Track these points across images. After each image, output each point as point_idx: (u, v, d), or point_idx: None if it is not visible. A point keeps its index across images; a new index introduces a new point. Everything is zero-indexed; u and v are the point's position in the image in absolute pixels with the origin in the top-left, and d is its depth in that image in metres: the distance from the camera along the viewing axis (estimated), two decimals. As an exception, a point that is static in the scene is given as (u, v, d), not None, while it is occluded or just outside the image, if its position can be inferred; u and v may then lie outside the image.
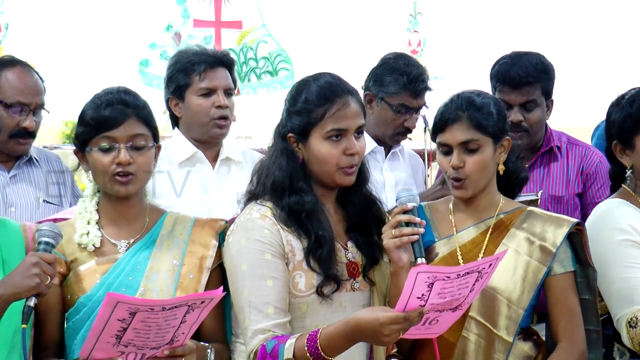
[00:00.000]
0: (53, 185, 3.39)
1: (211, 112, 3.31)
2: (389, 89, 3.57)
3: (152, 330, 2.23)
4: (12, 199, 3.28)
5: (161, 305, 2.20)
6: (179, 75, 3.32)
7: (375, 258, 2.64)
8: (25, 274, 2.34)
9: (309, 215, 2.54)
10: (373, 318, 2.29)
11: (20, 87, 3.28)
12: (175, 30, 7.71)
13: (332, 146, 2.55)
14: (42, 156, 3.46)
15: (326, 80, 2.60)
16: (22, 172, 3.35)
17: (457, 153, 2.67)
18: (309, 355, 2.36)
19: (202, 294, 2.37)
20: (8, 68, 3.31)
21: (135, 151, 2.59)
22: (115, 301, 2.13)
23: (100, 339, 2.21)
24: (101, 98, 2.62)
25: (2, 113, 3.24)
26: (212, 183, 3.35)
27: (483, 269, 2.31)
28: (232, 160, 3.42)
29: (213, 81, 3.32)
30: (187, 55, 3.35)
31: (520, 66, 3.42)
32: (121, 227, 2.67)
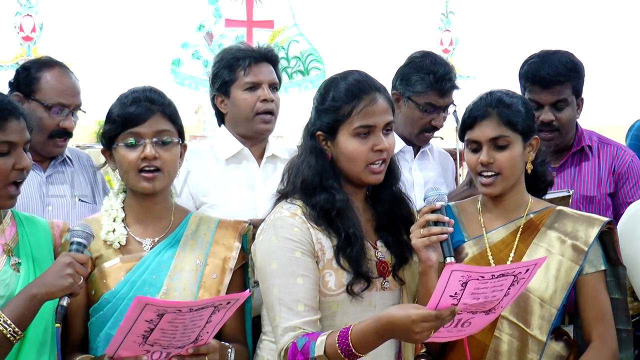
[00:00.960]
0: (86, 185, 3.42)
1: (256, 106, 3.31)
2: (415, 88, 3.56)
3: (178, 330, 2.25)
4: (49, 199, 3.30)
5: (189, 307, 2.21)
6: (223, 71, 3.33)
7: (405, 257, 2.64)
8: (58, 274, 2.36)
9: (339, 213, 2.54)
10: (404, 315, 2.29)
11: (60, 88, 3.31)
12: (207, 30, 7.73)
13: (360, 143, 2.55)
14: (74, 155, 3.49)
15: (354, 78, 2.60)
16: (57, 171, 3.38)
17: (486, 149, 2.67)
18: (340, 352, 2.36)
19: (228, 296, 2.39)
20: (47, 69, 3.34)
21: (161, 147, 2.61)
22: (144, 303, 2.14)
23: (127, 338, 2.23)
24: (127, 96, 2.65)
25: (43, 114, 3.27)
26: (258, 180, 3.35)
27: (519, 273, 2.29)
28: (278, 157, 3.42)
29: (258, 75, 3.32)
30: (232, 52, 3.37)
31: (550, 65, 3.40)
32: (146, 226, 2.69)
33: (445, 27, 8.70)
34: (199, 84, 7.40)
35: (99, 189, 3.44)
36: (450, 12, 8.70)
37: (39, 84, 3.30)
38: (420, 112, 3.57)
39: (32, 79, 3.31)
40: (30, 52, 7.49)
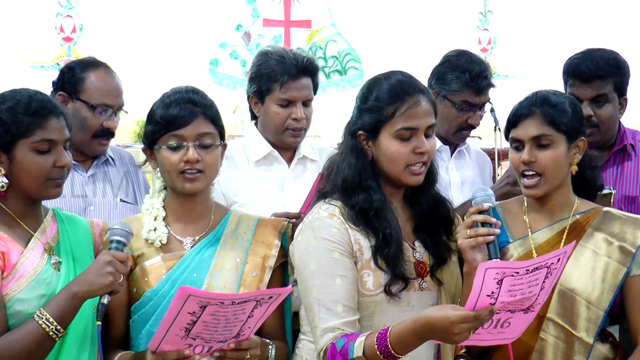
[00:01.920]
0: (128, 184, 3.44)
1: (287, 123, 3.33)
2: (451, 87, 3.55)
3: (220, 323, 2.26)
4: (91, 198, 3.33)
5: (231, 300, 2.22)
6: (262, 78, 3.34)
7: (444, 258, 2.62)
8: (99, 272, 2.38)
9: (377, 213, 2.53)
10: (443, 316, 2.27)
11: (105, 89, 3.34)
12: (244, 29, 7.75)
13: (402, 145, 2.54)
14: (116, 154, 3.52)
15: (397, 79, 2.59)
16: (99, 171, 3.41)
17: (528, 148, 2.66)
18: (379, 353, 2.35)
19: (270, 290, 2.39)
20: (92, 69, 3.37)
21: (203, 149, 2.63)
22: (187, 294, 2.16)
23: (170, 331, 2.24)
24: (170, 97, 2.66)
25: (87, 114, 3.30)
26: (287, 181, 3.37)
27: (552, 263, 2.27)
28: (308, 158, 3.43)
29: (293, 93, 3.31)
30: (272, 62, 3.34)
31: (592, 60, 3.37)
32: (187, 224, 2.70)
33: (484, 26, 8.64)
34: (237, 84, 7.42)
35: (141, 188, 3.46)
36: (488, 11, 8.64)
37: (84, 85, 3.33)
38: (456, 111, 3.56)
39: (77, 79, 3.34)
40: (71, 53, 7.56)
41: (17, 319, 2.40)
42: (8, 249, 2.45)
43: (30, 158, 2.47)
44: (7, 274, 2.42)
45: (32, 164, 2.47)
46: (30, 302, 2.42)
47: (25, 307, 2.41)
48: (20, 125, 2.46)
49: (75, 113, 3.28)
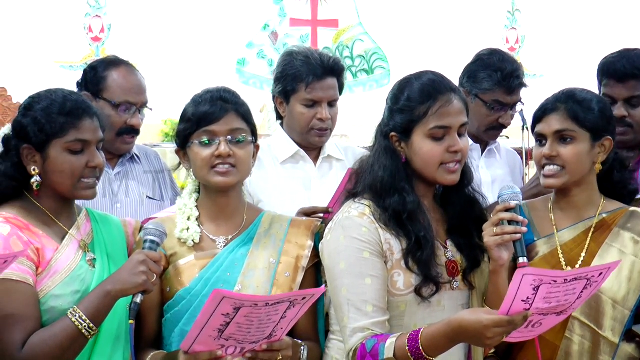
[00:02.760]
0: (154, 182, 3.46)
1: (312, 123, 3.33)
2: (482, 86, 3.54)
3: (253, 325, 2.26)
4: (118, 196, 3.35)
5: (265, 301, 2.22)
6: (287, 79, 3.34)
7: (477, 261, 2.60)
8: (133, 272, 2.40)
9: (410, 216, 2.51)
10: (476, 320, 2.26)
11: (127, 86, 3.36)
12: (272, 29, 7.76)
13: (435, 144, 2.52)
14: (142, 153, 3.53)
15: (429, 78, 2.58)
16: (125, 169, 3.43)
17: (550, 142, 2.66)
18: (410, 354, 2.34)
19: (304, 291, 2.39)
20: (114, 68, 3.39)
21: (235, 145, 2.64)
22: (221, 296, 2.16)
23: (203, 332, 2.24)
24: (202, 96, 2.69)
25: (110, 112, 3.32)
26: (314, 180, 3.37)
27: (592, 277, 2.25)
28: (334, 157, 3.44)
29: (318, 93, 3.32)
30: (298, 63, 3.34)
31: (628, 59, 3.34)
32: (220, 224, 2.71)
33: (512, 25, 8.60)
34: (264, 83, 7.44)
35: (167, 185, 3.48)
36: (516, 10, 8.60)
37: (106, 83, 3.35)
38: (487, 110, 3.55)
39: (100, 79, 3.36)
40: (99, 53, 7.62)
41: (52, 314, 2.43)
42: (43, 245, 2.47)
43: (64, 158, 2.49)
44: (41, 270, 2.45)
45: (65, 164, 2.49)
46: (65, 298, 2.44)
47: (60, 303, 2.43)
48: (54, 125, 2.48)
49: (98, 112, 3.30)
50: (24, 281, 2.40)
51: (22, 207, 2.51)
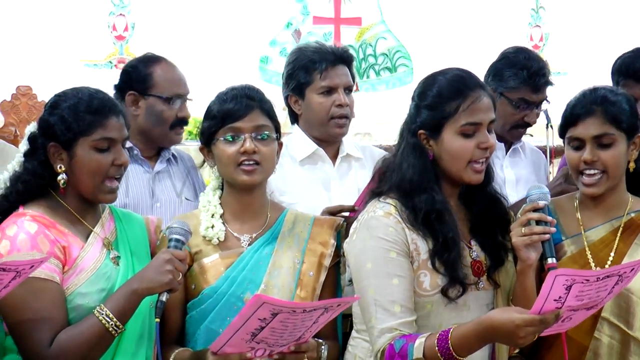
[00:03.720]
0: (190, 184, 3.47)
1: (331, 111, 3.32)
2: (508, 84, 3.52)
3: (287, 330, 2.27)
4: (157, 195, 3.36)
5: (303, 308, 2.23)
6: (299, 72, 3.33)
7: (501, 259, 2.59)
8: (158, 270, 2.41)
9: (439, 216, 2.50)
10: (508, 320, 2.26)
11: (174, 80, 3.39)
12: (295, 27, 7.77)
13: (466, 141, 2.51)
14: (178, 155, 3.55)
15: (457, 74, 2.56)
16: (165, 168, 3.43)
17: (589, 147, 2.63)
18: (440, 355, 2.33)
19: (340, 299, 2.42)
20: (156, 64, 3.41)
21: (260, 141, 2.65)
22: (262, 302, 2.16)
23: (236, 335, 2.25)
24: (226, 93, 2.70)
25: (163, 107, 3.33)
26: (333, 180, 3.36)
27: (624, 272, 2.25)
28: (352, 157, 3.42)
29: (334, 79, 3.31)
30: (308, 53, 3.35)
31: None
32: (244, 222, 2.72)
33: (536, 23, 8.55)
34: (287, 81, 7.43)
35: (201, 188, 3.49)
36: (540, 7, 8.55)
37: (153, 80, 3.36)
38: (512, 108, 3.53)
39: (145, 76, 3.37)
40: (123, 51, 7.65)
41: (78, 312, 2.44)
42: (69, 244, 2.49)
43: (90, 156, 2.50)
44: (68, 268, 2.46)
45: (92, 162, 2.50)
46: (91, 296, 2.46)
47: (86, 301, 2.45)
48: (81, 123, 2.50)
49: (149, 109, 3.32)
50: (51, 279, 2.41)
51: (48, 205, 2.53)
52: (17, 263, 2.16)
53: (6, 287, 2.16)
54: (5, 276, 2.12)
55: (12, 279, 2.14)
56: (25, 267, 2.14)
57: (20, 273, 2.14)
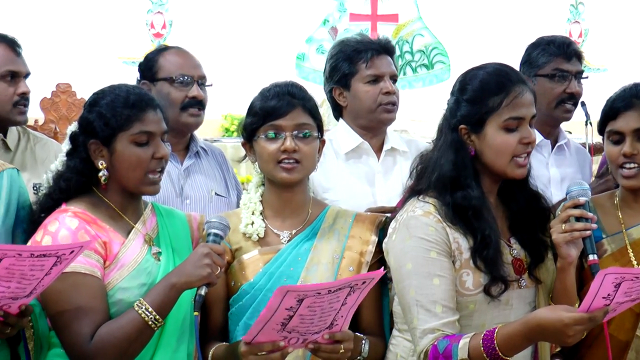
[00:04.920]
0: (220, 179, 3.48)
1: (379, 99, 3.31)
2: (539, 61, 3.50)
3: (316, 314, 2.27)
4: (187, 192, 3.36)
5: (327, 288, 2.23)
6: (343, 64, 3.33)
7: (541, 256, 2.57)
8: (197, 264, 2.42)
9: (475, 212, 2.48)
10: (556, 319, 2.24)
11: (180, 61, 3.40)
12: (331, 24, 7.78)
13: (509, 135, 2.48)
14: (208, 149, 3.55)
15: (499, 68, 2.55)
16: (194, 164, 3.44)
17: (630, 140, 2.61)
18: (486, 355, 2.31)
19: (364, 275, 2.39)
20: (164, 51, 3.46)
21: (301, 140, 2.65)
22: (285, 291, 2.17)
23: (266, 326, 2.26)
24: (269, 90, 2.70)
25: (169, 89, 3.34)
26: (377, 175, 3.35)
27: None
28: (397, 150, 3.40)
29: (380, 68, 3.31)
30: (352, 44, 3.35)
31: None
32: (284, 218, 2.72)
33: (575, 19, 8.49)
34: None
35: (232, 182, 3.50)
36: (579, 3, 8.48)
37: (159, 64, 3.39)
38: (550, 82, 3.49)
39: (153, 62, 3.41)
40: (161, 49, 7.69)
41: (119, 307, 2.46)
42: (110, 239, 2.51)
43: (130, 150, 2.52)
44: (109, 263, 2.48)
45: (132, 156, 2.52)
46: (132, 290, 2.47)
47: (127, 295, 2.46)
48: (119, 118, 2.52)
49: (159, 94, 3.29)
50: (92, 274, 2.43)
51: (90, 201, 2.55)
52: (57, 247, 2.19)
53: (48, 274, 2.18)
54: (47, 262, 2.15)
55: (53, 265, 2.17)
56: (65, 252, 2.17)
57: (60, 259, 2.17)
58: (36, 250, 2.17)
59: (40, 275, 2.17)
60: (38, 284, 2.20)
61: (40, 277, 2.18)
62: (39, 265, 2.14)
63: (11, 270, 2.11)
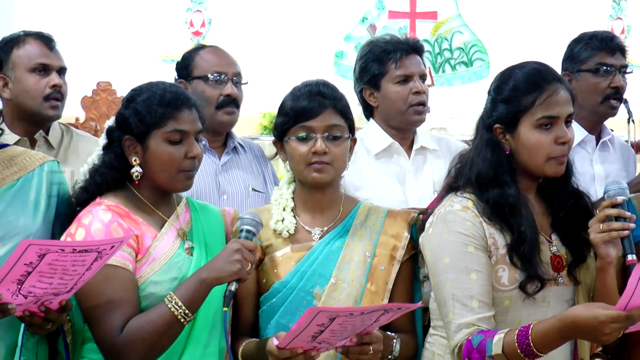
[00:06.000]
0: (258, 174, 3.48)
1: (409, 99, 3.30)
2: (582, 56, 3.47)
3: (347, 330, 2.27)
4: (224, 187, 3.37)
5: (360, 311, 2.23)
6: (373, 64, 3.32)
7: (583, 255, 2.54)
8: (228, 260, 2.42)
9: (512, 209, 2.47)
10: (592, 316, 2.21)
11: (214, 59, 3.41)
12: (370, 22, 7.76)
13: (543, 135, 2.47)
14: (246, 145, 3.56)
15: (533, 67, 2.53)
16: (231, 159, 3.44)
17: None
18: (520, 351, 2.29)
19: (401, 304, 2.39)
20: (200, 50, 3.48)
21: (332, 141, 2.64)
22: (317, 311, 2.17)
23: (297, 338, 2.27)
24: (300, 90, 2.69)
25: (204, 87, 3.35)
26: (408, 173, 3.34)
27: None
28: (427, 149, 3.39)
29: (409, 68, 3.31)
30: (380, 44, 3.35)
31: None
32: (315, 215, 2.72)
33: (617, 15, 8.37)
34: (362, 76, 7.42)
35: (270, 178, 3.50)
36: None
37: (194, 63, 3.41)
38: (595, 77, 3.46)
39: (188, 61, 3.42)
40: (199, 47, 7.72)
41: (151, 300, 2.47)
42: (142, 233, 2.52)
43: (163, 148, 2.53)
44: (141, 256, 2.49)
45: (165, 154, 2.53)
46: (163, 284, 2.48)
47: (159, 289, 2.47)
48: (154, 116, 2.53)
49: (195, 93, 3.31)
50: (123, 267, 2.45)
51: (124, 196, 2.56)
52: (98, 242, 2.21)
53: (89, 269, 2.20)
54: (88, 257, 2.16)
55: (94, 260, 2.18)
56: (105, 247, 2.18)
57: (101, 254, 2.18)
58: (79, 245, 2.18)
59: (82, 270, 2.19)
60: (79, 279, 2.22)
61: (81, 272, 2.20)
62: (81, 261, 2.16)
63: (54, 266, 2.13)
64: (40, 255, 2.08)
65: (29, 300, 2.19)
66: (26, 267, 2.09)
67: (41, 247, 2.08)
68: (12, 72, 3.29)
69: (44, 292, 2.19)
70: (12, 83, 3.33)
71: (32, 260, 2.08)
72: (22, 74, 3.34)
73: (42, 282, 2.15)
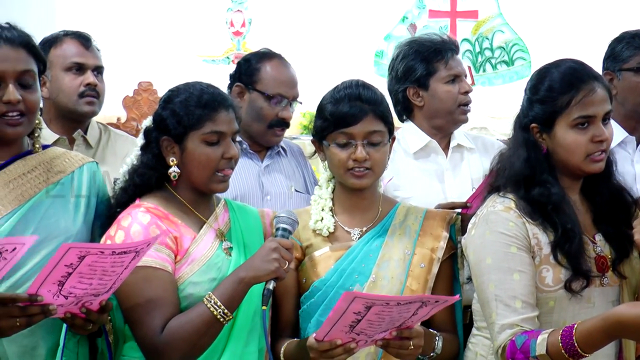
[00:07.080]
0: (299, 175, 3.50)
1: (459, 99, 3.31)
2: (623, 55, 3.42)
3: (384, 322, 2.26)
4: (267, 188, 3.39)
5: (397, 301, 2.22)
6: (420, 64, 3.32)
7: (626, 251, 2.51)
8: (265, 259, 2.43)
9: (555, 207, 2.45)
10: (637, 315, 2.18)
11: (280, 79, 3.40)
12: (410, 21, 7.72)
13: (579, 134, 2.46)
14: (287, 146, 3.58)
15: (569, 66, 2.51)
16: (274, 161, 3.47)
17: None
18: (564, 351, 2.27)
19: (439, 296, 2.37)
20: (267, 60, 3.44)
21: (372, 147, 2.64)
22: (352, 297, 2.17)
23: (335, 327, 2.26)
24: (340, 92, 2.68)
25: (263, 104, 3.37)
26: (447, 172, 3.34)
27: None
28: (464, 147, 3.40)
29: (458, 68, 3.33)
30: (427, 45, 3.33)
31: None
32: (354, 216, 2.72)
33: (661, 13, 8.25)
34: (402, 76, 7.39)
35: (311, 179, 3.52)
36: (665, -3, 8.25)
37: (260, 75, 3.40)
38: (635, 76, 3.41)
39: (253, 70, 3.41)
40: (240, 47, 7.77)
41: (190, 301, 2.49)
42: (181, 234, 2.53)
43: (200, 149, 2.55)
44: (180, 258, 2.51)
45: (202, 155, 2.54)
46: (202, 285, 2.50)
47: (198, 290, 2.49)
48: (191, 117, 2.54)
49: (251, 103, 3.36)
50: (163, 268, 2.46)
51: (163, 197, 2.58)
52: (135, 243, 2.23)
53: (127, 267, 2.22)
54: (126, 257, 2.18)
55: (132, 259, 2.20)
56: (143, 246, 2.21)
57: (138, 252, 2.20)
58: (118, 248, 2.20)
59: (120, 270, 2.21)
60: (117, 279, 2.24)
61: (119, 272, 2.22)
62: (120, 262, 2.18)
63: (93, 267, 2.15)
64: (80, 257, 2.10)
65: (70, 301, 2.21)
66: (67, 268, 2.11)
67: (81, 249, 2.10)
68: (50, 71, 3.34)
69: (84, 293, 2.22)
70: (50, 82, 3.37)
71: (72, 262, 2.10)
72: (58, 73, 3.39)
73: (82, 282, 2.17)
